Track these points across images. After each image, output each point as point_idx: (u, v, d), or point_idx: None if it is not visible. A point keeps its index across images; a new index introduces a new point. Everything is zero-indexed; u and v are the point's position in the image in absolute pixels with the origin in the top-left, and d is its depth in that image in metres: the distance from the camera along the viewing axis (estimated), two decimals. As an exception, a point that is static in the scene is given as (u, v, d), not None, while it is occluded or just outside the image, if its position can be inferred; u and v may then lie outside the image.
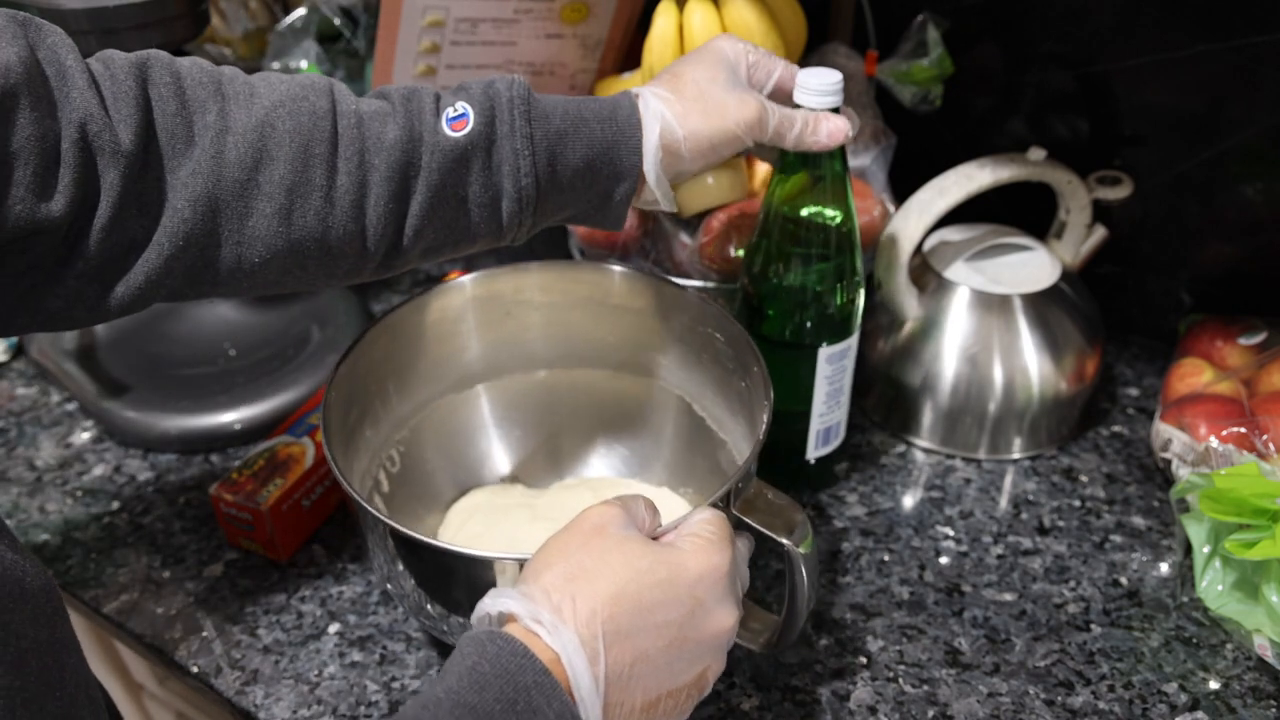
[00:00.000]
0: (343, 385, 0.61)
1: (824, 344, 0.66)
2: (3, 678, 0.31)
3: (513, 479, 0.74)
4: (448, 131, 0.51)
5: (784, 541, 0.51)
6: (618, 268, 0.70)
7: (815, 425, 0.70)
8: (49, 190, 0.43)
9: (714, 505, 0.49)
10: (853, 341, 0.68)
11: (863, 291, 0.67)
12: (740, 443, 0.65)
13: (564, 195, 0.54)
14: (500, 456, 0.74)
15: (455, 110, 0.52)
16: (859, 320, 0.68)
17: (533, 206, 0.53)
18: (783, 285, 0.66)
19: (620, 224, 0.58)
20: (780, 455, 0.71)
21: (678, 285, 0.68)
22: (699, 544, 0.45)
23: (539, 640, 0.39)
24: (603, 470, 0.74)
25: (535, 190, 0.53)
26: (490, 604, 0.42)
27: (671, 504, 0.69)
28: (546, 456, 0.75)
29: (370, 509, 0.52)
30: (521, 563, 0.47)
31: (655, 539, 0.46)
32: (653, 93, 0.56)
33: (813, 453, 0.72)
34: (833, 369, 0.68)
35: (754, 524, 0.52)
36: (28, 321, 0.47)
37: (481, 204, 0.53)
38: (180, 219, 0.47)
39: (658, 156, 0.54)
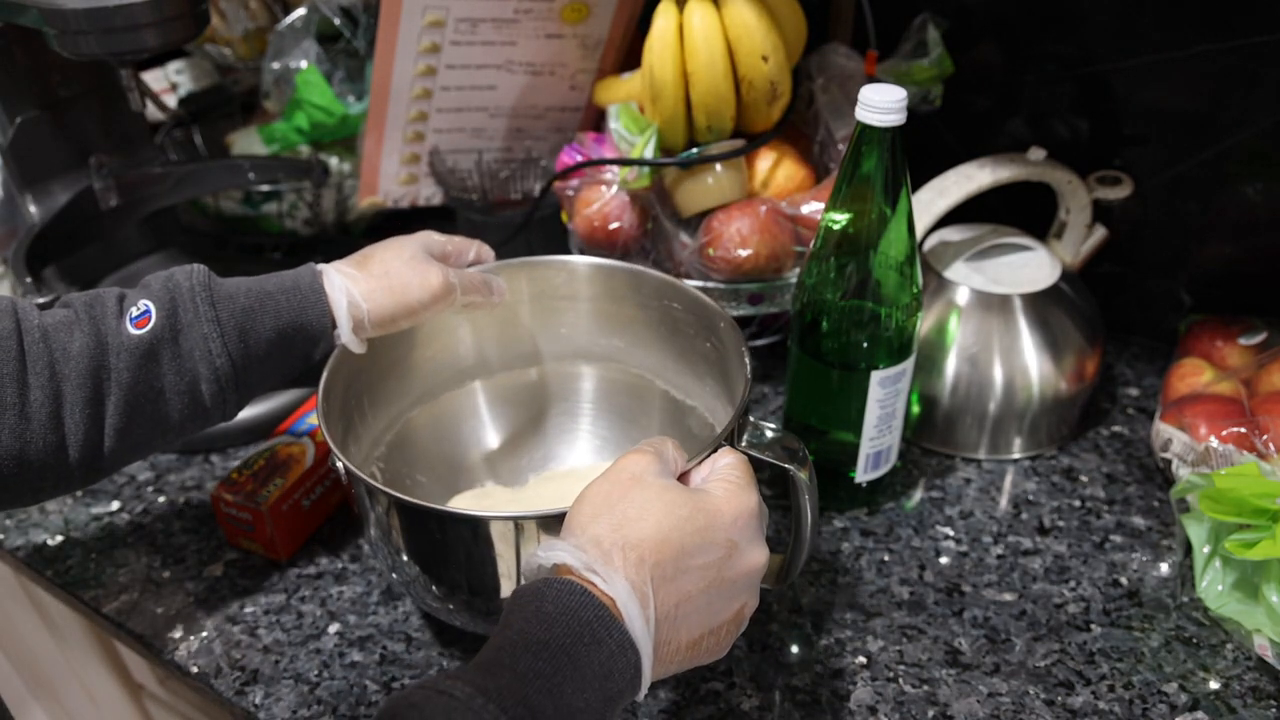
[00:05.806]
0: (332, 395, 0.61)
1: (879, 366, 0.65)
2: None
3: (490, 480, 0.73)
4: (131, 330, 0.53)
5: (790, 468, 0.53)
6: (557, 258, 0.70)
7: (865, 449, 0.69)
8: None
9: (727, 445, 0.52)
10: (908, 365, 0.67)
11: (920, 314, 0.66)
12: (711, 403, 0.67)
13: (265, 364, 0.57)
14: (475, 460, 0.74)
15: (138, 309, 0.54)
16: (916, 344, 0.67)
17: (233, 382, 0.56)
18: (838, 305, 0.64)
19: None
20: (830, 475, 0.71)
21: (627, 266, 0.69)
22: (730, 489, 0.47)
23: (595, 587, 0.42)
24: (575, 458, 0.75)
25: (231, 368, 0.55)
26: (544, 555, 0.44)
27: None
28: (520, 453, 0.75)
29: (377, 485, 0.53)
30: (516, 520, 0.51)
31: (684, 480, 0.49)
32: (338, 270, 0.59)
33: (863, 476, 0.71)
34: (885, 393, 0.66)
35: (762, 457, 0.54)
36: None
37: (179, 392, 0.55)
38: None
39: (350, 326, 0.59)
